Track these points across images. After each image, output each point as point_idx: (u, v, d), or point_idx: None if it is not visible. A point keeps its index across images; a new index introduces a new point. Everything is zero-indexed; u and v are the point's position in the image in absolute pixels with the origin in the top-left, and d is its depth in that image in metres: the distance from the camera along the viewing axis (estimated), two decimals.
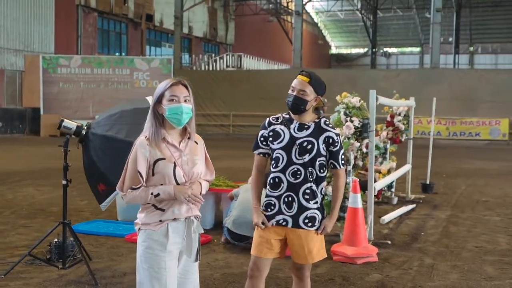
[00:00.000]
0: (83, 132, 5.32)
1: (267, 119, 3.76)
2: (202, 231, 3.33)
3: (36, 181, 11.76)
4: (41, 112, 26.55)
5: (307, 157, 3.58)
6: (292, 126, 3.64)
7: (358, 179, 6.82)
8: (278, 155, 3.63)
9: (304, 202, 3.61)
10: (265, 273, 3.83)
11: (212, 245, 6.75)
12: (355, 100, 7.05)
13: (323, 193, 3.70)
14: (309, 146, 3.59)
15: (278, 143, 3.64)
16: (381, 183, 8.21)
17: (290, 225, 3.64)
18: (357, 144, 6.95)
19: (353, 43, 59.21)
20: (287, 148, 3.61)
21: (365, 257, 6.11)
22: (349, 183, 6.60)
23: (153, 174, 3.12)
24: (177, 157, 3.15)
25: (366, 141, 7.08)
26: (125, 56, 29.47)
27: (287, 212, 3.63)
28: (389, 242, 6.97)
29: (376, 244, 6.69)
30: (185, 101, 3.15)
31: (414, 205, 9.46)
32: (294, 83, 3.65)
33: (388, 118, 9.85)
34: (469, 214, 8.95)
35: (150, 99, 5.56)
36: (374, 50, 46.17)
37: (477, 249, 6.74)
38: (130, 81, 27.07)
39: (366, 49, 56.59)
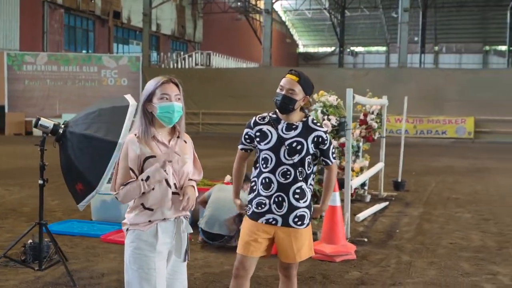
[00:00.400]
0: (60, 130, 5.21)
1: (253, 118, 3.73)
2: (191, 231, 3.30)
3: (4, 180, 11.51)
4: (6, 110, 26.01)
5: (296, 158, 3.56)
6: (279, 126, 3.61)
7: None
8: (266, 155, 3.61)
9: (294, 202, 3.60)
10: (251, 272, 3.82)
11: (190, 244, 6.66)
12: (332, 99, 7.08)
13: (311, 187, 3.71)
14: (299, 147, 3.57)
15: (265, 144, 3.61)
16: (357, 181, 8.27)
17: (279, 224, 3.63)
18: (335, 143, 6.98)
19: (320, 42, 59.49)
20: (275, 149, 3.58)
21: (344, 255, 6.14)
22: None
23: (142, 172, 3.07)
24: (168, 156, 3.08)
25: (343, 139, 7.12)
26: (93, 54, 29.08)
27: (277, 211, 3.62)
28: (366, 239, 7.02)
29: (353, 242, 6.73)
30: (176, 99, 3.12)
31: (387, 203, 9.55)
32: (283, 82, 3.61)
33: (362, 117, 9.91)
34: (441, 211, 9.08)
35: (129, 97, 5.52)
36: (341, 49, 46.45)
37: (452, 245, 6.84)
38: (97, 79, 26.73)
39: (333, 48, 56.93)
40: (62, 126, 5.24)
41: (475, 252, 6.54)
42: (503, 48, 50.66)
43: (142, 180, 3.01)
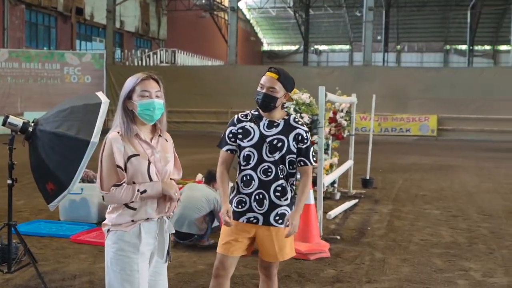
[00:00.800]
0: (30, 129, 5.06)
1: (236, 116, 3.70)
2: (173, 231, 3.23)
3: None
4: None
5: (277, 155, 3.55)
6: (261, 124, 3.60)
7: None
8: (248, 152, 3.59)
9: (275, 200, 3.58)
10: (231, 271, 3.78)
11: None
12: (305, 97, 7.07)
13: (293, 189, 3.69)
14: (279, 144, 3.55)
15: (248, 141, 3.59)
16: (329, 179, 8.29)
17: (261, 222, 3.60)
18: None
19: (284, 40, 59.66)
20: (257, 146, 3.57)
21: (318, 253, 6.14)
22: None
23: (125, 171, 2.97)
24: (150, 154, 3.03)
25: (315, 137, 7.12)
26: (55, 51, 28.52)
27: (258, 209, 3.59)
28: (338, 237, 7.04)
29: (326, 239, 6.74)
30: (157, 96, 3.05)
31: (356, 200, 9.61)
32: (263, 80, 3.60)
33: (331, 115, 9.94)
34: (410, 208, 9.17)
35: (101, 95, 5.40)
36: (306, 47, 46.67)
37: (423, 242, 6.91)
38: (60, 76, 26.22)
39: (297, 46, 57.18)
40: (32, 124, 5.10)
41: (446, 248, 6.62)
42: (463, 47, 51.68)
43: (138, 191, 2.94)
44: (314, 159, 3.67)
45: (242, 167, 3.63)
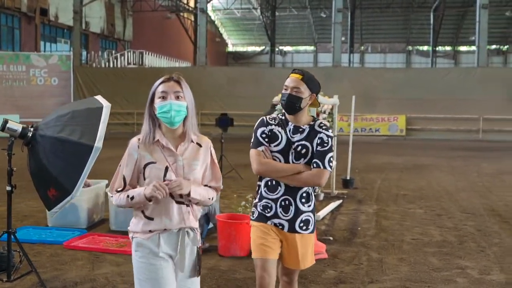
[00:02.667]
0: (29, 134, 4.96)
1: (263, 118, 3.60)
2: (199, 244, 3.08)
3: None
4: None
5: (302, 161, 3.48)
6: (287, 128, 3.53)
7: None
8: (275, 158, 3.50)
9: (300, 206, 3.51)
10: (275, 276, 3.60)
11: None
12: None
13: (314, 193, 3.64)
14: (303, 151, 3.48)
15: (275, 146, 3.51)
16: None
17: (286, 229, 3.53)
18: None
19: (249, 41, 59.72)
20: (284, 152, 3.49)
21: (316, 254, 6.13)
22: None
23: (144, 178, 2.94)
24: (171, 162, 2.92)
25: None
26: (21, 52, 27.92)
27: (284, 216, 3.51)
28: (331, 238, 7.09)
29: (320, 240, 6.78)
30: (177, 97, 2.91)
31: (341, 201, 9.69)
32: (287, 81, 3.53)
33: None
34: (395, 208, 9.30)
35: (101, 99, 5.33)
36: (273, 48, 46.83)
37: (415, 241, 7.02)
38: (26, 78, 25.66)
39: (262, 47, 57.34)
40: (31, 129, 4.99)
41: (438, 247, 6.74)
42: (425, 48, 52.68)
43: (128, 196, 2.92)
44: (330, 164, 3.49)
45: None
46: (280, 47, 57.88)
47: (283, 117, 3.58)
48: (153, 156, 2.91)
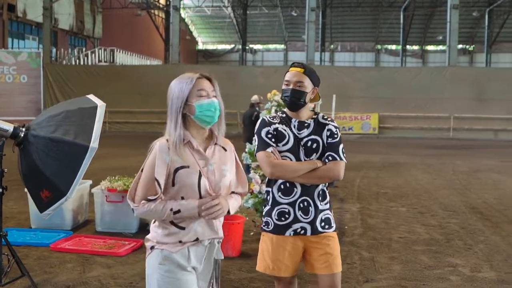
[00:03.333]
0: (21, 134, 4.83)
1: (265, 117, 3.40)
2: (222, 257, 2.90)
3: None
4: None
5: (314, 157, 3.29)
6: (292, 125, 3.33)
7: None
8: (285, 158, 3.29)
9: (319, 204, 3.32)
10: None
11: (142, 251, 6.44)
12: None
13: (328, 190, 3.45)
14: (315, 145, 3.30)
15: (283, 145, 3.30)
16: None
17: (309, 232, 3.31)
18: None
19: (219, 39, 59.54)
20: (294, 150, 3.29)
21: None
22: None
23: (173, 185, 2.66)
24: (202, 166, 2.70)
25: None
26: None
27: (304, 218, 3.30)
28: None
29: None
30: (214, 96, 2.74)
31: None
32: (289, 76, 3.35)
33: None
34: (377, 206, 9.36)
35: (94, 98, 5.23)
36: (244, 47, 46.79)
37: (403, 240, 7.07)
38: None
39: (233, 45, 57.26)
40: (23, 129, 4.86)
41: (427, 245, 6.80)
42: (393, 47, 53.30)
43: (171, 210, 2.63)
44: (345, 155, 3.35)
45: None
46: (251, 45, 57.87)
47: (284, 115, 3.41)
48: (185, 160, 2.67)
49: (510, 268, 5.86)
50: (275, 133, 3.32)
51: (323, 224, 3.35)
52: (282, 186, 3.33)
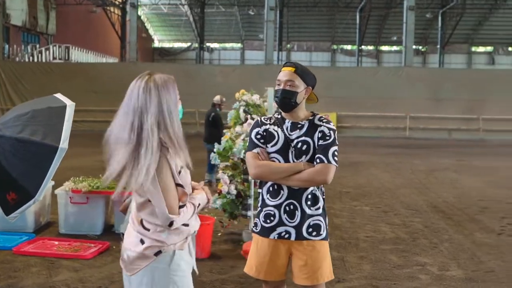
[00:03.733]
0: None
1: (258, 118, 3.40)
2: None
3: None
4: None
5: (304, 159, 3.21)
6: (284, 126, 3.28)
7: None
8: (273, 159, 3.25)
9: (307, 209, 3.22)
10: None
11: (114, 252, 6.32)
12: (256, 98, 7.05)
13: (323, 196, 3.36)
14: (304, 147, 3.22)
15: (272, 146, 3.26)
16: None
17: (293, 237, 3.23)
18: None
19: (176, 37, 59.11)
20: (282, 151, 3.24)
21: None
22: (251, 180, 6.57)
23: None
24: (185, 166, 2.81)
25: None
26: None
27: (289, 222, 3.22)
28: None
29: None
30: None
31: None
32: (280, 76, 3.31)
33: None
34: (341, 205, 9.42)
35: (62, 97, 5.09)
36: (202, 45, 46.57)
37: (370, 239, 7.13)
38: None
39: (189, 44, 56.95)
40: None
41: (393, 244, 6.88)
42: (349, 47, 53.99)
43: (196, 206, 2.72)
44: (335, 159, 3.22)
45: None
46: (208, 44, 57.64)
47: (279, 116, 3.37)
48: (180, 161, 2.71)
49: (476, 266, 5.98)
50: (264, 133, 3.29)
51: (310, 230, 3.25)
52: (270, 188, 3.30)
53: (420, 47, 52.46)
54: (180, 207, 2.62)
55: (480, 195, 10.68)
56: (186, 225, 2.69)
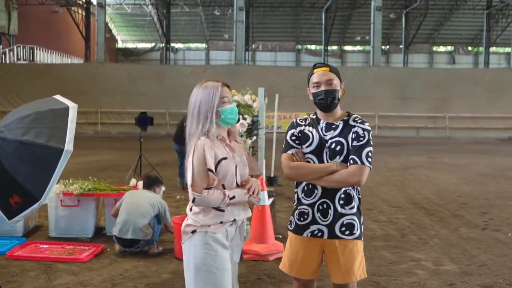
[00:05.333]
0: None
1: (294, 119, 3.45)
2: (246, 234, 3.46)
3: None
4: None
5: (338, 160, 3.23)
6: (319, 127, 3.31)
7: None
8: (308, 159, 3.30)
9: (339, 208, 3.25)
10: None
11: (109, 254, 6.27)
12: (247, 98, 7.07)
13: (359, 195, 3.37)
14: (338, 148, 3.24)
15: (307, 147, 3.30)
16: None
17: (326, 235, 3.27)
18: (249, 142, 6.99)
19: (140, 37, 58.62)
20: (317, 152, 3.28)
21: (276, 253, 6.20)
22: None
23: (216, 175, 3.09)
24: (232, 157, 3.13)
25: (254, 137, 7.16)
26: None
27: (322, 221, 3.27)
28: (280, 236, 7.13)
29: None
30: (232, 102, 3.24)
31: (272, 198, 9.76)
32: (317, 77, 3.31)
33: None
34: None
35: (63, 98, 5.03)
36: (168, 46, 46.29)
37: None
38: None
39: (153, 44, 56.55)
40: None
41: (384, 241, 6.99)
42: (313, 47, 54.49)
43: (228, 196, 3.03)
44: (369, 160, 3.21)
45: None
46: (172, 44, 57.30)
47: (314, 116, 3.40)
48: (223, 152, 3.09)
49: (469, 261, 6.13)
50: (299, 135, 3.35)
51: (343, 229, 3.28)
52: (305, 188, 3.35)
53: (384, 47, 53.29)
54: (207, 189, 3.00)
55: (458, 191, 10.94)
56: (221, 210, 3.06)
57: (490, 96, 28.05)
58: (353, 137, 3.25)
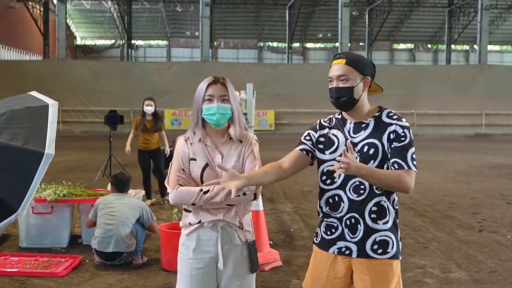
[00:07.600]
0: None
1: (318, 120, 2.97)
2: (253, 239, 3.13)
3: None
4: None
5: (372, 165, 2.72)
6: (346, 129, 2.82)
7: None
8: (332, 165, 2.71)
9: (371, 223, 2.75)
10: None
11: (88, 266, 5.71)
12: (242, 95, 6.60)
13: (396, 207, 2.82)
14: (372, 151, 2.74)
15: (331, 153, 2.81)
16: None
17: (354, 254, 2.78)
18: None
19: (99, 34, 57.42)
20: None
21: (272, 262, 5.77)
22: None
23: (190, 174, 2.98)
24: (212, 159, 2.93)
25: None
26: None
27: (351, 237, 2.79)
28: (271, 242, 6.69)
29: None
30: (223, 100, 2.94)
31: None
32: (330, 72, 2.83)
33: None
34: (308, 205, 9.13)
35: (39, 95, 4.44)
36: (130, 42, 45.37)
37: None
38: None
39: (113, 41, 55.49)
40: None
41: None
42: (275, 44, 54.33)
43: (201, 190, 2.84)
44: (415, 163, 2.73)
45: (325, 186, 2.84)
46: (132, 41, 56.27)
47: (340, 116, 2.90)
48: (195, 153, 2.97)
49: (477, 267, 5.80)
50: (322, 139, 2.87)
51: (375, 247, 2.76)
52: (329, 200, 2.83)
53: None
54: (181, 186, 2.91)
55: (442, 190, 10.70)
56: (187, 210, 2.96)
57: (456, 93, 28.20)
58: (391, 137, 2.74)
